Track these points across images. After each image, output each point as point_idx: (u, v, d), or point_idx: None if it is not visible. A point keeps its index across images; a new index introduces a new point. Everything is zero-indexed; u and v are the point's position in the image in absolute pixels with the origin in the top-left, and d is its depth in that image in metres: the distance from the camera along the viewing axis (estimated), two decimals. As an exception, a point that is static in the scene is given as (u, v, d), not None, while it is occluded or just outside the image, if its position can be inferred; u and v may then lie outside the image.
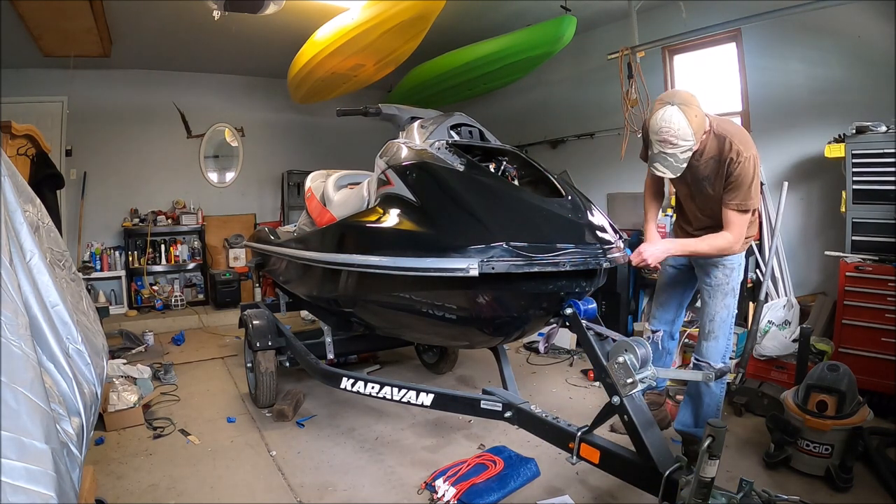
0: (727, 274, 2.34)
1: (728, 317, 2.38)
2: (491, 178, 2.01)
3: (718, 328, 2.37)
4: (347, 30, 3.98)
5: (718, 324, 2.37)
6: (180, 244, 6.27)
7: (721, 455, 1.30)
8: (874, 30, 3.33)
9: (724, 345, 2.39)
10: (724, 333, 2.38)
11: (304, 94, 5.39)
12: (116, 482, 2.41)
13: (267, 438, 2.87)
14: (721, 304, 2.36)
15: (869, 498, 2.16)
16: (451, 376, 3.80)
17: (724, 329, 2.38)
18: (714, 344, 2.38)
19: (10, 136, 2.88)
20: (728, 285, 2.35)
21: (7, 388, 0.79)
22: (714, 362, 2.36)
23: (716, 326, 2.37)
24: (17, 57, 4.92)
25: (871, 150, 3.01)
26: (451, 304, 1.96)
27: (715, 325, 2.37)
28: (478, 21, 4.88)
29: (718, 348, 2.38)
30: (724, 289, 2.35)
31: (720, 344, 2.38)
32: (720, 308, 2.36)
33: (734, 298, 2.38)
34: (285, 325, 3.41)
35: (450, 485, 2.23)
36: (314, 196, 3.17)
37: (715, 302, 2.37)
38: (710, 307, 2.38)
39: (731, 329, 2.40)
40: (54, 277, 1.16)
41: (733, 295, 2.37)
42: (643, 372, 1.62)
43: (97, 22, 4.21)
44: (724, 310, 2.36)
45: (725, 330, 2.38)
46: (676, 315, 2.68)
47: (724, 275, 2.34)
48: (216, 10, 3.30)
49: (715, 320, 2.37)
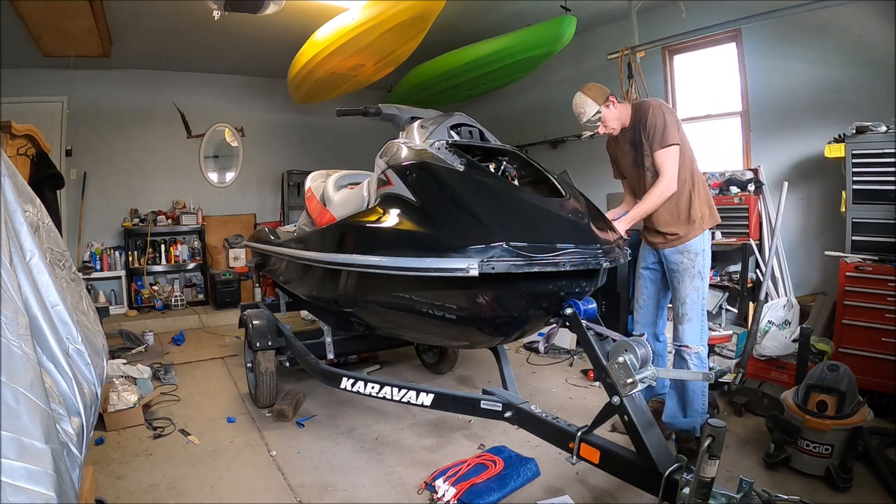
0: (691, 259, 2.48)
1: (698, 299, 2.48)
2: (491, 178, 2.00)
3: (690, 310, 2.48)
4: (347, 30, 3.98)
5: (689, 306, 2.48)
6: (180, 244, 6.28)
7: (721, 455, 1.29)
8: (874, 30, 3.33)
9: (697, 326, 2.49)
10: (697, 315, 2.48)
11: (304, 94, 5.39)
12: (116, 482, 2.41)
13: (267, 438, 2.87)
14: (689, 287, 2.47)
15: (869, 498, 2.16)
16: (451, 376, 3.80)
17: (696, 310, 2.48)
18: (689, 326, 2.49)
19: (10, 136, 2.88)
20: (693, 268, 2.48)
21: (7, 388, 0.79)
22: (691, 344, 2.48)
23: (687, 309, 2.49)
24: (17, 57, 4.92)
25: (871, 150, 3.01)
26: (451, 304, 1.96)
27: (686, 307, 2.49)
28: (478, 21, 4.88)
29: (693, 330, 2.49)
30: (691, 272, 2.47)
31: (694, 326, 2.49)
32: (689, 290, 2.48)
33: (702, 281, 2.49)
34: (285, 325, 3.41)
35: (450, 485, 2.23)
36: (314, 196, 3.17)
37: (683, 286, 2.49)
38: (679, 292, 2.51)
39: (703, 311, 2.50)
40: (54, 277, 1.16)
41: (700, 278, 2.48)
42: (643, 372, 1.62)
43: (97, 22, 4.22)
44: (693, 291, 2.48)
45: (697, 311, 2.48)
46: (657, 316, 2.74)
47: (689, 259, 2.48)
48: (216, 10, 3.30)
49: (686, 303, 2.49)
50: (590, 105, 2.51)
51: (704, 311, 2.51)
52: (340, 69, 4.60)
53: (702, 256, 2.49)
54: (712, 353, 3.43)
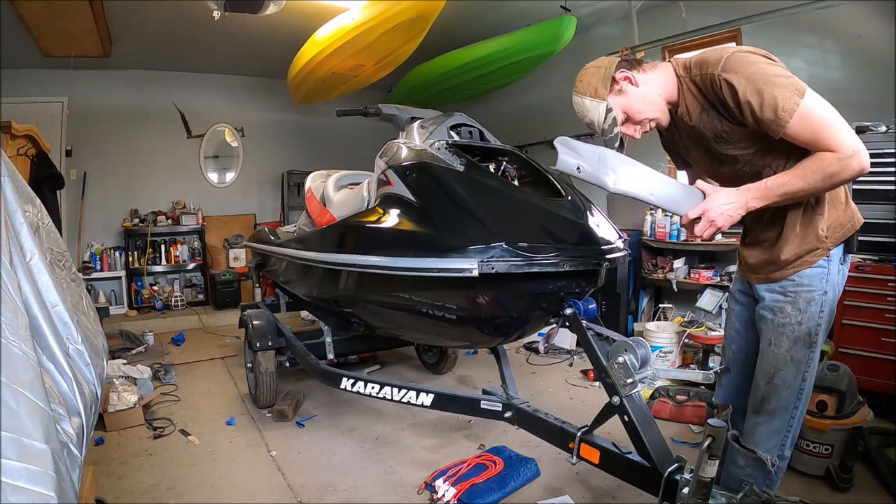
0: (800, 306, 1.46)
1: (796, 380, 1.49)
2: (491, 179, 2.00)
3: (777, 397, 1.51)
4: (347, 30, 3.98)
5: (778, 389, 1.50)
6: (180, 244, 6.28)
7: (721, 455, 1.29)
8: (874, 30, 3.33)
9: (781, 425, 1.52)
10: (786, 407, 1.51)
11: (304, 95, 5.39)
12: (116, 482, 2.41)
13: (267, 438, 2.87)
14: (786, 356, 1.48)
15: (869, 498, 2.16)
16: (451, 376, 3.80)
17: (788, 399, 1.50)
18: (767, 422, 1.53)
19: (10, 137, 2.88)
20: (800, 325, 1.46)
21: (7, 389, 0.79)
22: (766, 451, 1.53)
23: (773, 393, 1.51)
24: (17, 57, 4.92)
25: (871, 150, 2.96)
26: (451, 304, 1.96)
27: (773, 389, 1.51)
28: (478, 21, 4.88)
29: (772, 429, 1.53)
30: (794, 330, 1.47)
31: (775, 423, 1.52)
32: (784, 363, 1.49)
33: (810, 349, 1.47)
34: (285, 326, 3.41)
35: (450, 485, 2.23)
36: (314, 196, 3.17)
37: (776, 352, 1.50)
38: (767, 358, 1.52)
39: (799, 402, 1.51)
40: (54, 278, 1.16)
41: (807, 343, 1.47)
42: (643, 372, 1.61)
43: (97, 22, 4.22)
44: (789, 366, 1.48)
45: (789, 400, 1.50)
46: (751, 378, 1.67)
47: (796, 307, 1.47)
48: (216, 11, 3.30)
49: (773, 382, 1.50)
50: (591, 106, 1.54)
51: (802, 405, 1.52)
52: (340, 69, 4.60)
53: (818, 303, 1.45)
54: (712, 352, 3.43)
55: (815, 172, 1.32)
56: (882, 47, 3.26)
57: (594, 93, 1.54)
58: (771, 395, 1.51)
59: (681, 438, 2.73)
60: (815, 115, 1.31)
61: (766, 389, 1.52)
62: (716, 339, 3.34)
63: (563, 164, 1.50)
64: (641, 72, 1.52)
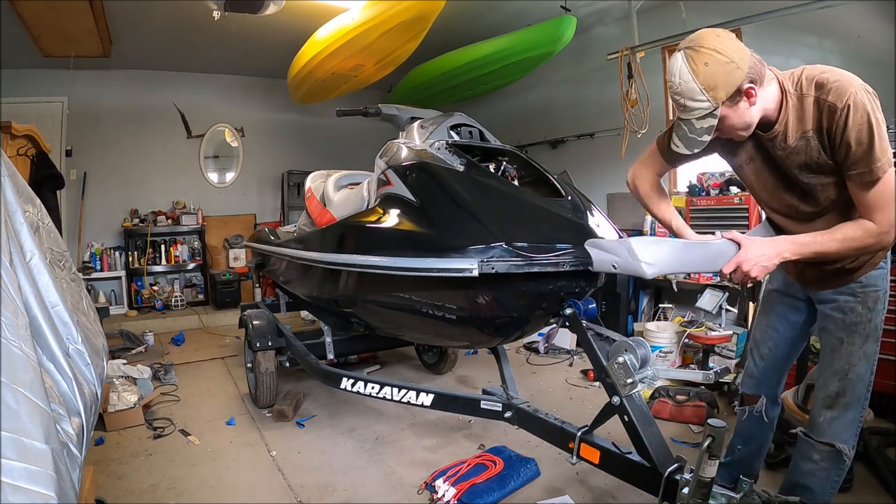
0: (870, 304, 1.55)
1: (867, 373, 1.59)
2: (491, 179, 2.00)
3: (852, 391, 1.58)
4: (347, 30, 3.98)
5: (853, 383, 1.58)
6: (180, 244, 6.28)
7: (721, 455, 1.30)
8: (874, 30, 3.33)
9: (855, 416, 1.61)
10: (859, 399, 1.60)
11: (304, 95, 5.39)
12: (116, 482, 2.41)
13: (267, 438, 2.87)
14: (859, 353, 1.57)
15: (869, 498, 2.16)
16: (451, 376, 3.80)
17: (861, 392, 1.59)
18: (842, 415, 1.60)
19: (10, 137, 2.88)
20: (871, 322, 1.56)
21: (7, 389, 0.79)
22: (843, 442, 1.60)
23: (848, 388, 1.58)
24: (17, 57, 4.93)
25: (871, 150, 3.01)
26: (450, 304, 1.96)
27: (847, 384, 1.58)
28: (478, 21, 4.88)
29: (847, 420, 1.60)
30: (865, 328, 1.56)
31: (849, 415, 1.60)
32: (857, 359, 1.57)
33: (876, 343, 1.58)
34: (285, 326, 3.41)
35: (450, 485, 2.23)
36: (314, 196, 3.17)
37: (849, 349, 1.57)
38: (839, 356, 1.59)
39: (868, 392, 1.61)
40: (54, 278, 1.16)
41: (875, 338, 1.57)
42: (643, 372, 1.62)
43: (97, 22, 4.22)
44: (862, 361, 1.57)
45: (862, 393, 1.60)
46: (783, 372, 1.90)
47: (866, 306, 1.55)
48: (216, 11, 3.31)
49: (848, 377, 1.58)
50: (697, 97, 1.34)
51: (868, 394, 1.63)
52: (340, 69, 4.60)
53: (883, 300, 1.57)
54: (712, 352, 3.43)
55: (854, 241, 1.37)
56: (882, 47, 3.26)
57: (712, 90, 1.33)
58: (846, 389, 1.58)
59: (681, 438, 2.73)
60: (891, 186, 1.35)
61: (841, 385, 1.59)
62: (716, 339, 3.34)
63: (600, 263, 1.61)
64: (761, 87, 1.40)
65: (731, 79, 1.33)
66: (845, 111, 1.32)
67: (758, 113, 1.42)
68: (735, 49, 1.33)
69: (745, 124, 1.42)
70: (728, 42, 1.34)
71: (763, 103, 1.41)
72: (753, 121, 1.43)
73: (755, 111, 1.41)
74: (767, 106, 1.43)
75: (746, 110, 1.39)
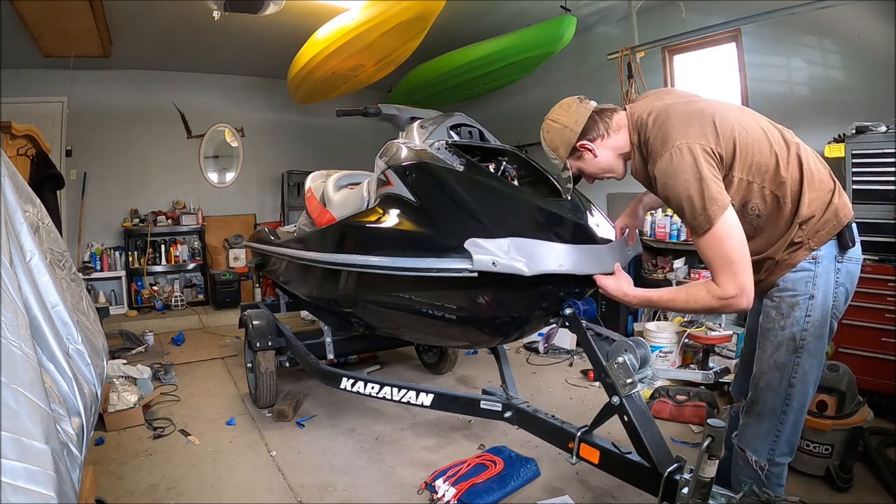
0: (784, 310, 1.46)
1: (780, 384, 1.48)
2: (491, 179, 2.00)
3: (763, 400, 1.52)
4: (347, 30, 3.98)
5: (763, 392, 1.51)
6: (180, 244, 6.28)
7: (721, 455, 1.30)
8: (874, 30, 3.33)
9: (770, 428, 1.51)
10: (773, 410, 1.50)
11: (304, 95, 5.39)
12: (116, 482, 2.41)
13: (267, 438, 2.87)
14: (769, 361, 1.50)
15: (869, 498, 2.16)
16: (451, 376, 3.80)
17: (774, 403, 1.50)
18: (756, 423, 1.54)
19: (10, 137, 2.88)
20: (783, 330, 1.46)
21: (7, 389, 0.79)
22: (753, 451, 1.54)
23: (760, 397, 1.52)
24: (17, 57, 4.92)
25: (871, 150, 3.01)
26: (450, 304, 1.97)
27: (759, 393, 1.52)
28: (478, 21, 4.88)
29: (761, 431, 1.53)
30: (777, 335, 1.48)
31: (764, 426, 1.52)
32: (767, 367, 1.50)
33: (794, 354, 1.46)
34: (285, 325, 3.41)
35: (450, 485, 2.23)
36: (314, 196, 3.17)
37: (761, 356, 1.53)
38: (756, 361, 1.56)
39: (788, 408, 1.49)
40: (54, 278, 1.16)
41: (790, 349, 1.46)
42: (643, 372, 1.62)
43: (97, 22, 4.22)
44: (773, 371, 1.49)
45: (776, 404, 1.50)
46: None
47: (780, 311, 1.47)
48: (216, 10, 3.31)
49: (759, 385, 1.53)
50: (552, 156, 1.71)
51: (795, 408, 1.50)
52: (340, 69, 4.60)
53: (803, 308, 1.44)
54: (712, 352, 3.43)
55: (697, 302, 1.42)
56: (882, 47, 3.26)
57: (555, 150, 1.66)
58: (758, 398, 1.54)
59: (681, 438, 2.73)
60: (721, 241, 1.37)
61: (754, 393, 1.56)
62: (716, 339, 3.34)
63: (479, 262, 1.62)
64: (605, 137, 1.60)
65: (565, 140, 1.62)
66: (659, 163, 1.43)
67: (610, 159, 1.63)
68: (569, 115, 1.62)
69: (600, 170, 1.66)
70: (564, 110, 1.64)
71: (615, 150, 1.62)
72: (610, 166, 1.65)
73: (604, 159, 1.63)
74: (622, 151, 1.63)
75: (593, 160, 1.64)
